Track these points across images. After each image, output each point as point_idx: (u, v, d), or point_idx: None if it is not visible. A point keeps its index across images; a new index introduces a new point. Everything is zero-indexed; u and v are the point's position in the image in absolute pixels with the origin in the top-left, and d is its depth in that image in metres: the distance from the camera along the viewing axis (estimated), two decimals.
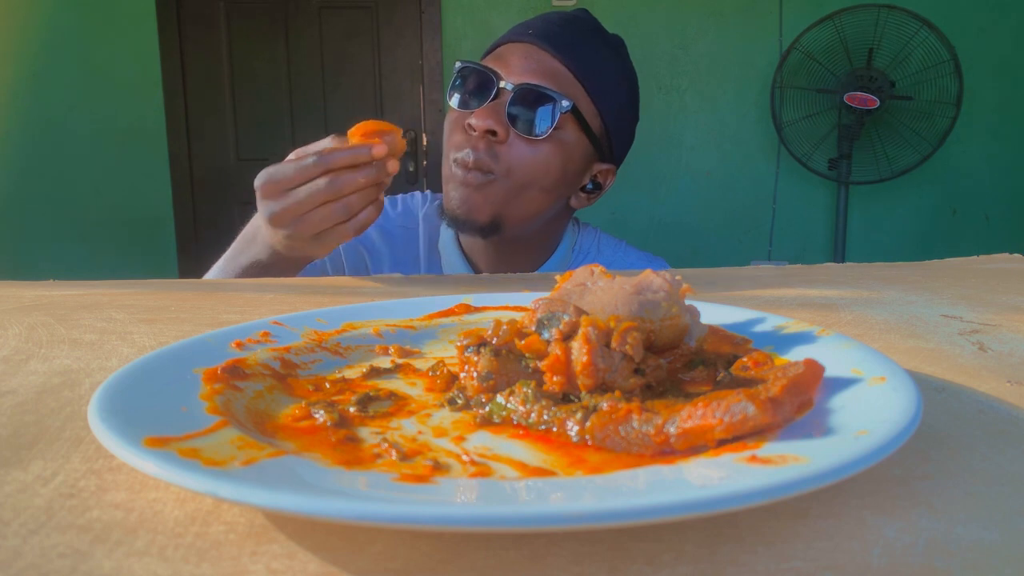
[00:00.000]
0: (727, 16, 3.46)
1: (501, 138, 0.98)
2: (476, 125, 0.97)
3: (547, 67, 1.00)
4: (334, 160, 0.77)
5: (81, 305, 0.66)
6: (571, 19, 1.06)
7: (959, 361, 0.45)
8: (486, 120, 0.96)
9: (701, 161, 3.56)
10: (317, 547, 0.24)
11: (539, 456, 0.29)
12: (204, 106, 3.62)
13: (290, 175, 0.78)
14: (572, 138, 1.02)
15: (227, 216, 3.65)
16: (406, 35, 3.56)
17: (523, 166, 0.99)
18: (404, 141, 0.81)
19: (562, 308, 0.36)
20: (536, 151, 0.99)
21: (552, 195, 1.04)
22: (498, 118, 0.97)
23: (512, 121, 0.98)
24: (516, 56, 1.01)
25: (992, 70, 3.39)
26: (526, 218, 1.03)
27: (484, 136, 0.97)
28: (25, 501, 0.27)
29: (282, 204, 0.79)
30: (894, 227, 3.56)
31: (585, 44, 1.03)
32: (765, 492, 0.22)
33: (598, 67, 1.03)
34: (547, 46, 1.01)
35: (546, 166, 1.00)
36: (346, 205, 0.78)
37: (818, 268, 0.89)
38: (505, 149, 0.98)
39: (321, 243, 0.82)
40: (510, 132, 0.98)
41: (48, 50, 3.49)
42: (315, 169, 0.77)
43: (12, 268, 3.51)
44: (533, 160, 0.99)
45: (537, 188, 1.01)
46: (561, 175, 1.03)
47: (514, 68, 1.00)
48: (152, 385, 0.34)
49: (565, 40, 1.02)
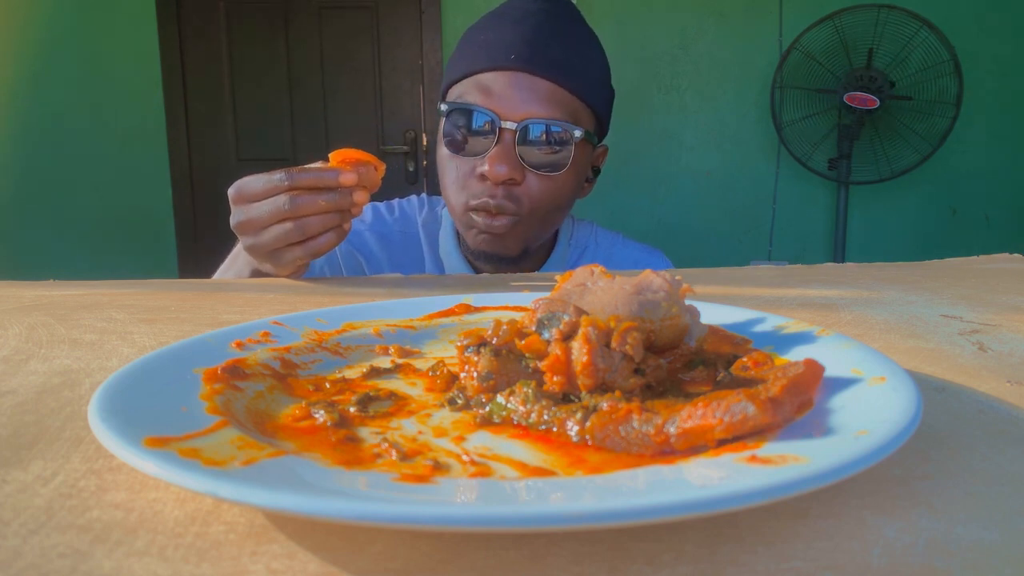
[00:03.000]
0: (727, 16, 3.46)
1: (518, 181, 0.96)
2: (492, 176, 0.94)
3: (544, 94, 0.95)
4: (298, 179, 0.77)
5: (81, 305, 0.66)
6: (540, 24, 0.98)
7: (959, 361, 0.45)
8: (500, 167, 0.94)
9: (701, 161, 3.56)
10: (317, 547, 0.24)
11: (539, 456, 0.29)
12: (204, 106, 3.62)
13: (257, 188, 0.78)
14: (582, 155, 1.01)
15: (227, 216, 3.63)
16: (406, 35, 3.56)
17: (544, 199, 0.98)
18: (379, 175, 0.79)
19: (562, 308, 0.36)
20: (555, 182, 0.98)
21: (569, 208, 1.06)
22: (512, 163, 0.95)
23: (524, 160, 0.96)
24: (508, 88, 0.95)
25: (992, 70, 3.39)
26: (547, 232, 1.05)
27: (500, 185, 0.96)
28: (25, 501, 0.27)
29: (245, 215, 0.79)
30: (894, 227, 3.55)
31: (570, 52, 0.98)
32: (765, 492, 0.22)
33: (585, 67, 0.99)
34: (536, 69, 0.95)
35: (564, 190, 1.00)
36: (301, 226, 0.77)
37: (818, 268, 0.89)
38: (524, 189, 0.97)
39: (278, 261, 0.81)
40: (525, 172, 0.97)
41: (48, 50, 3.49)
42: (280, 185, 0.77)
43: (12, 268, 3.51)
44: (554, 190, 0.99)
45: (559, 210, 1.02)
46: (576, 188, 1.03)
47: (509, 103, 0.95)
48: (152, 385, 0.34)
49: (551, 58, 0.96)
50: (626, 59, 3.44)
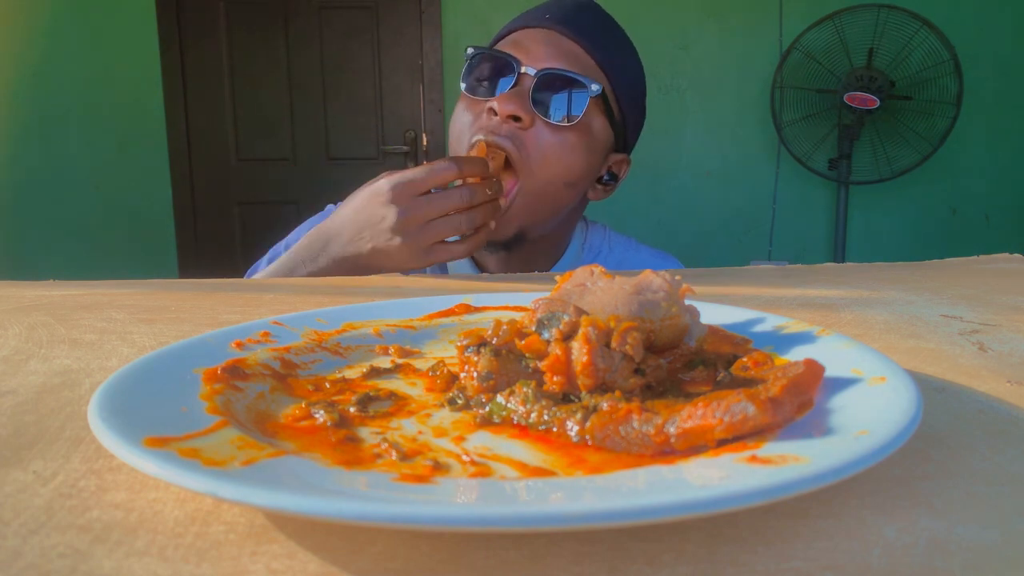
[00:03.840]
0: (727, 16, 3.46)
1: (526, 124, 0.92)
2: (500, 109, 0.90)
3: (569, 52, 0.95)
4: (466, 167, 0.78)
5: (81, 305, 0.66)
6: (585, 6, 1.02)
7: (959, 361, 0.45)
8: (510, 104, 0.90)
9: (701, 161, 3.56)
10: (317, 547, 0.24)
11: (539, 456, 0.29)
12: (204, 106, 3.62)
13: (422, 178, 0.79)
14: (597, 126, 0.98)
15: (227, 216, 3.66)
16: (406, 35, 3.56)
17: (549, 159, 0.93)
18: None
19: (562, 308, 0.36)
20: (563, 139, 0.94)
21: (575, 190, 1.00)
22: (522, 103, 0.91)
23: (537, 107, 0.92)
24: (535, 42, 0.96)
25: (992, 70, 3.39)
26: (548, 218, 1.00)
27: (507, 120, 0.92)
28: (25, 501, 0.27)
29: (412, 209, 0.79)
30: (894, 227, 3.56)
31: (604, 30, 1.00)
32: (765, 492, 0.22)
33: (617, 54, 1.00)
34: (567, 30, 0.96)
35: (572, 156, 0.95)
36: (471, 217, 0.79)
37: (818, 268, 0.89)
38: (531, 137, 0.93)
39: (430, 256, 0.81)
40: (535, 119, 0.93)
41: (48, 50, 3.49)
42: (448, 173, 0.78)
43: (12, 268, 3.51)
44: (560, 150, 0.94)
45: (562, 183, 0.96)
46: (585, 166, 0.98)
47: (534, 54, 0.94)
48: (152, 385, 0.34)
49: (584, 25, 0.98)
50: None
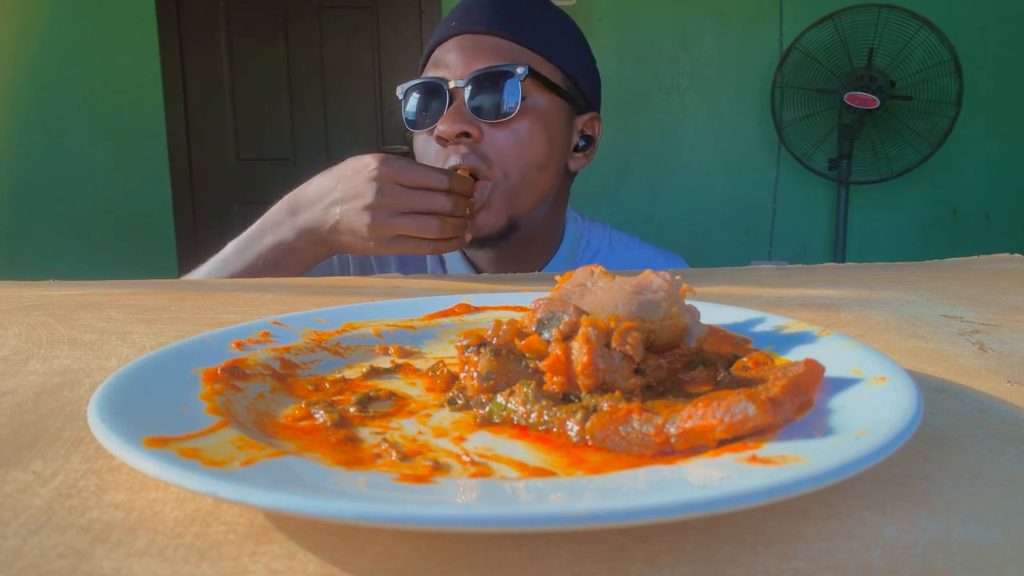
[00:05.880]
0: (727, 16, 3.46)
1: (476, 137, 0.94)
2: (445, 132, 0.92)
3: (485, 47, 0.95)
4: (455, 183, 0.84)
5: (81, 305, 0.66)
6: None
7: (959, 361, 0.45)
8: (453, 124, 0.92)
9: (701, 161, 3.56)
10: (317, 547, 0.24)
11: (539, 456, 0.29)
12: (204, 106, 3.62)
13: (412, 173, 0.83)
14: (543, 102, 0.98)
15: (227, 216, 3.65)
16: (406, 35, 3.56)
17: (512, 154, 0.95)
18: None
19: (562, 308, 0.36)
20: (516, 131, 0.95)
21: (549, 169, 1.01)
22: (464, 118, 0.93)
23: (477, 114, 0.94)
24: (451, 52, 0.97)
25: (992, 70, 3.39)
26: (536, 203, 1.01)
27: (459, 140, 0.94)
28: (25, 501, 0.27)
29: (392, 195, 0.83)
30: (894, 227, 3.56)
31: (507, 8, 0.99)
32: (765, 492, 0.22)
33: (536, 24, 0.99)
34: (475, 27, 0.96)
35: (531, 141, 0.96)
36: (441, 225, 0.83)
37: (818, 268, 0.89)
38: (488, 146, 0.94)
39: (391, 246, 0.85)
40: (481, 127, 0.94)
41: (48, 50, 3.49)
42: (437, 182, 0.83)
43: (12, 268, 3.51)
44: (518, 142, 0.95)
45: (535, 168, 0.97)
46: (548, 144, 0.99)
47: (454, 66, 0.95)
48: (152, 385, 0.34)
49: (489, 15, 0.97)
50: (626, 59, 3.44)
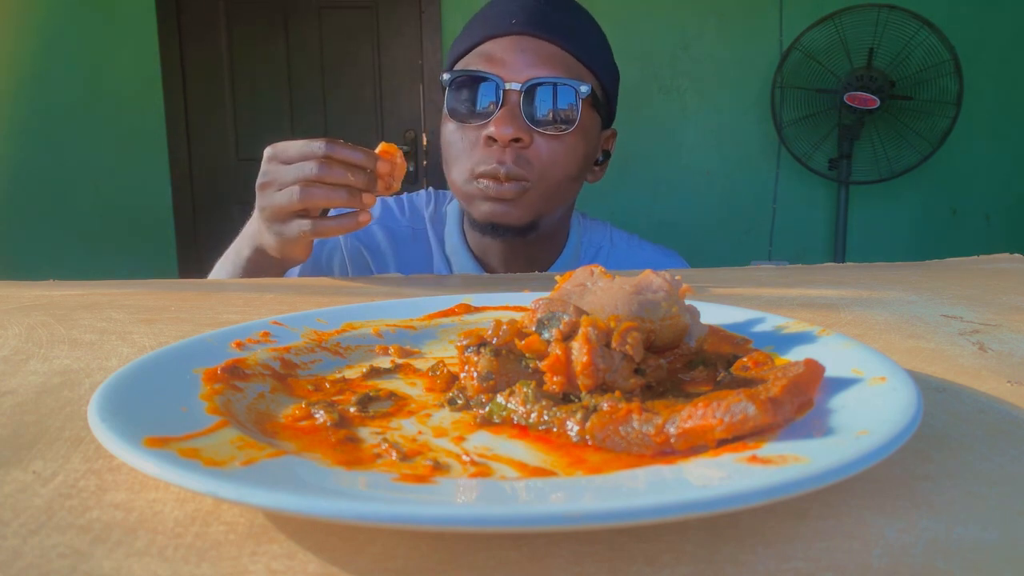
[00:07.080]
0: (727, 16, 3.45)
1: (526, 143, 0.94)
2: (499, 136, 0.92)
3: (547, 55, 0.95)
4: (336, 151, 0.78)
5: (81, 305, 0.66)
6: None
7: (959, 361, 0.45)
8: (507, 128, 0.91)
9: (701, 161, 3.55)
10: (317, 547, 0.24)
11: (539, 456, 0.29)
12: (204, 106, 3.62)
13: (293, 150, 0.80)
14: (589, 119, 0.99)
15: (227, 216, 3.65)
16: (406, 35, 3.56)
17: (555, 163, 0.96)
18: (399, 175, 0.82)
19: (562, 308, 0.36)
20: (564, 144, 0.96)
21: (579, 181, 1.03)
22: (519, 124, 0.93)
23: (531, 121, 0.94)
24: (509, 52, 0.95)
25: (992, 70, 3.39)
26: (559, 208, 1.02)
27: (509, 145, 0.93)
28: (25, 501, 0.27)
29: (271, 174, 0.81)
30: (894, 227, 3.55)
31: (570, 18, 0.99)
32: (765, 492, 0.22)
33: (587, 37, 1.00)
34: (539, 32, 0.95)
35: (574, 155, 0.98)
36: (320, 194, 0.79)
37: (818, 268, 0.89)
38: (533, 152, 0.95)
39: (282, 230, 0.82)
40: (533, 133, 0.94)
41: (48, 51, 3.49)
42: (316, 152, 0.79)
43: (12, 268, 3.50)
44: (565, 155, 0.96)
45: (569, 179, 0.99)
46: (585, 158, 1.01)
47: (512, 65, 0.94)
48: (152, 385, 0.34)
49: (552, 21, 0.97)
50: (626, 59, 3.41)
